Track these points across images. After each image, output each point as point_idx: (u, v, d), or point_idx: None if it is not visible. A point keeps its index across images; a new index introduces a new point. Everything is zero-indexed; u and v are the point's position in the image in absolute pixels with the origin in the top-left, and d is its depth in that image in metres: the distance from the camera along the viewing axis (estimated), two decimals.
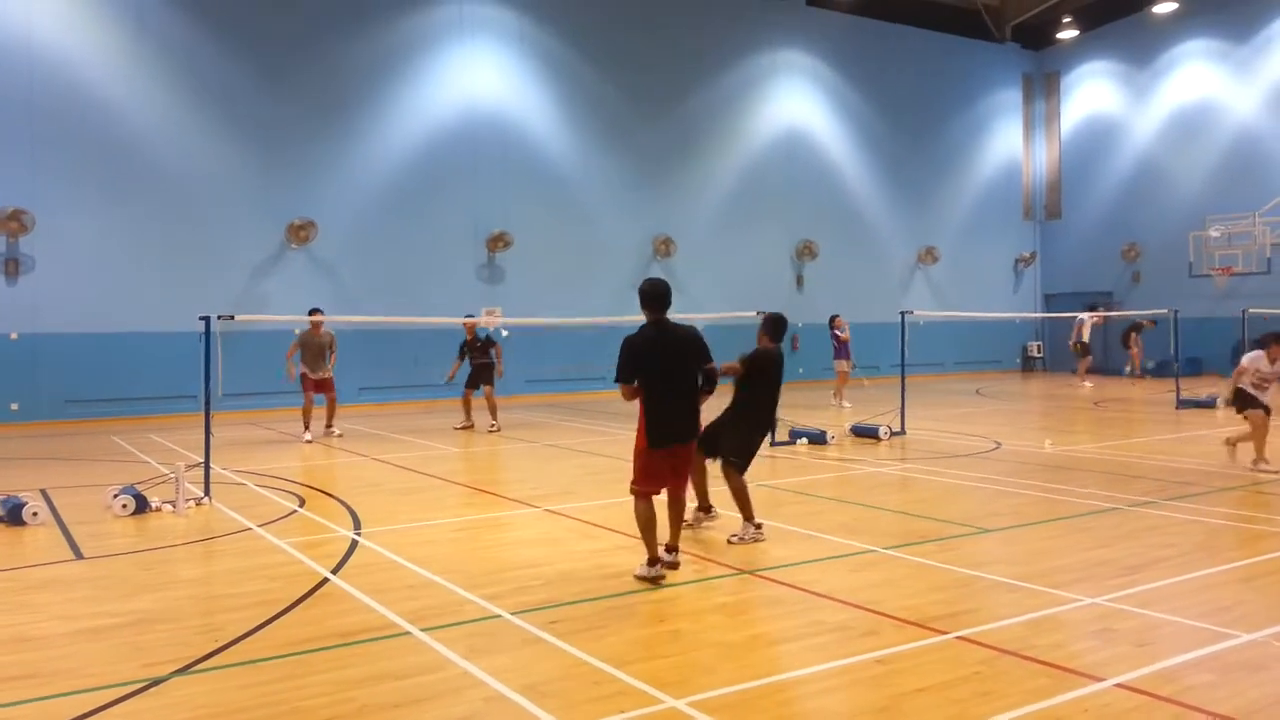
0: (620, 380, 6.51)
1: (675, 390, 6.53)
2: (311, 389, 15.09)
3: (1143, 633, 5.28)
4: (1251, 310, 20.51)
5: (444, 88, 21.89)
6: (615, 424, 16.67)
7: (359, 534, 8.03)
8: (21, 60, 17.75)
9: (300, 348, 15.03)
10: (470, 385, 15.98)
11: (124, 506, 8.87)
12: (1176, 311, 19.18)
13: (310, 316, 14.75)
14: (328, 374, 15.14)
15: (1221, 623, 5.36)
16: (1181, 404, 18.00)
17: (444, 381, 16.21)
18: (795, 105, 26.91)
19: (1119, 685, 4.49)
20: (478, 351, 15.85)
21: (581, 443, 14.23)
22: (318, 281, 19.95)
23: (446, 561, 7.08)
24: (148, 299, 18.58)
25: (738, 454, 7.57)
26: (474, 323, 16.16)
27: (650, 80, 24.45)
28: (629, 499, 9.18)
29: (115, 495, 9.00)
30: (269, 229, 19.88)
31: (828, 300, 24.88)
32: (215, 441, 10.19)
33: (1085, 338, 23.63)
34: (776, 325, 7.96)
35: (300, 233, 19.96)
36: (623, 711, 4.29)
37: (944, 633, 5.26)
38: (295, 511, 9.12)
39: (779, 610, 5.77)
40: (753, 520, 7.57)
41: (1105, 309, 27.53)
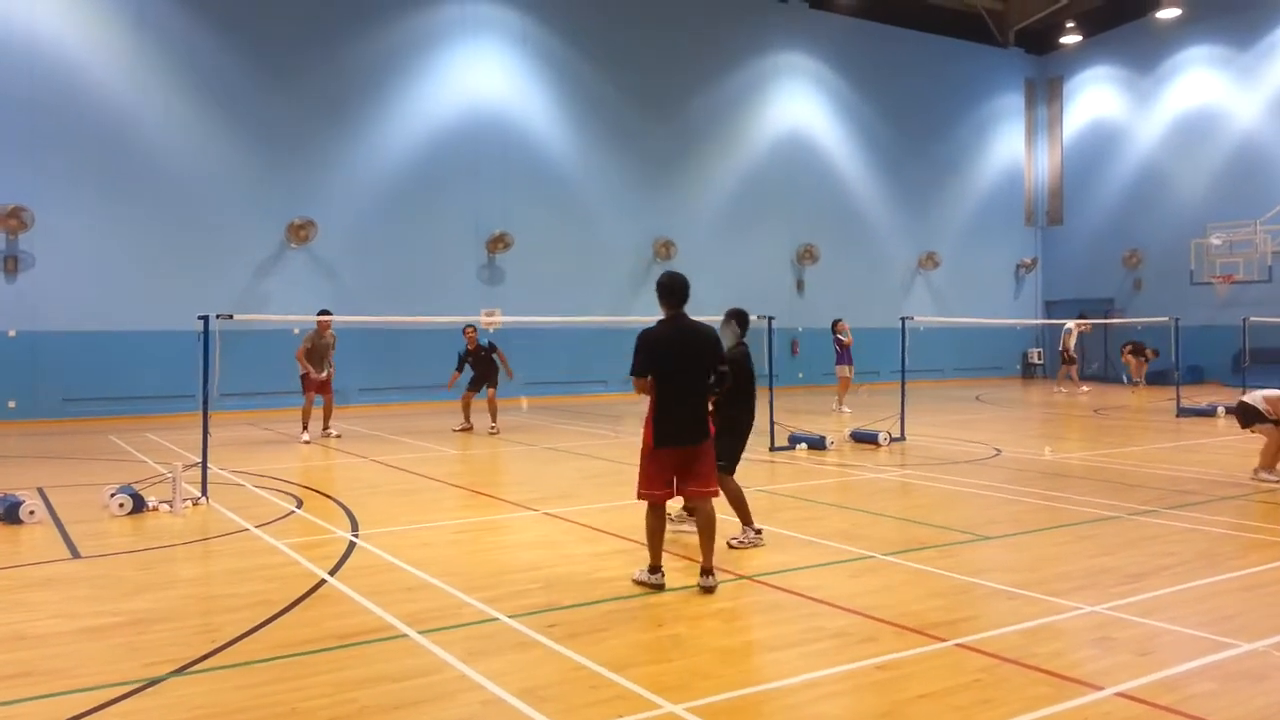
0: (635, 374, 6.30)
1: (687, 389, 6.31)
2: (314, 390, 15.02)
3: (1143, 641, 5.25)
4: (1253, 319, 20.51)
5: (446, 88, 21.89)
6: (615, 427, 16.65)
7: (357, 535, 8.01)
8: (22, 57, 17.75)
9: (309, 348, 14.93)
10: (473, 388, 15.86)
11: (121, 506, 8.85)
12: (1177, 319, 19.17)
13: (319, 317, 14.71)
14: (327, 374, 15.10)
15: (1222, 632, 5.34)
16: (1182, 412, 17.98)
17: (445, 388, 16.11)
18: (797, 108, 26.91)
19: (1119, 694, 4.47)
20: (480, 360, 15.76)
21: (580, 446, 14.21)
22: (317, 281, 19.94)
23: (445, 564, 7.06)
24: (147, 297, 18.57)
25: (726, 458, 7.40)
26: (475, 333, 16.04)
27: (652, 82, 24.45)
28: (628, 503, 9.18)
29: (112, 494, 8.97)
30: (269, 228, 19.87)
31: (828, 304, 24.85)
32: (213, 441, 10.17)
33: (1072, 346, 23.72)
34: (742, 322, 7.79)
35: (300, 232, 19.94)
36: (621, 716, 4.27)
37: (944, 640, 5.23)
38: (293, 512, 9.10)
39: (778, 616, 5.75)
40: (752, 524, 7.54)
41: (1107, 316, 27.54)
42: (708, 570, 6.26)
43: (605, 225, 23.67)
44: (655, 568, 6.32)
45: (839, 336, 19.47)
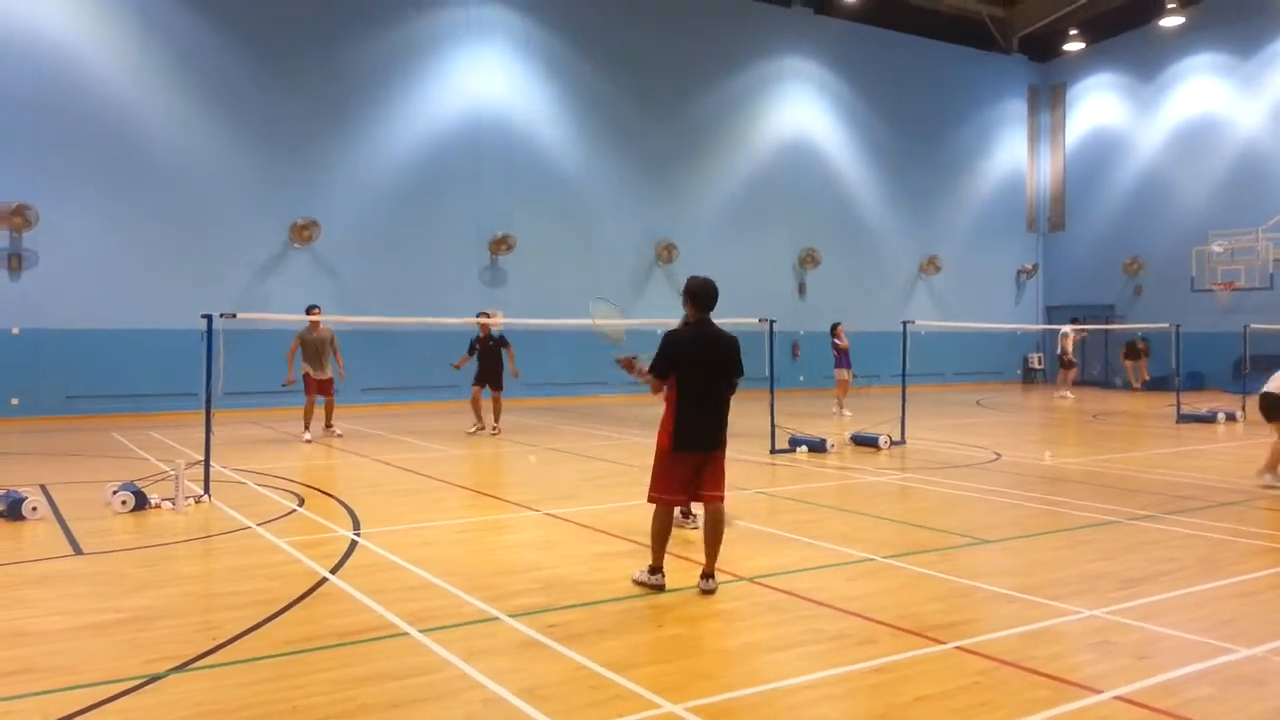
0: (655, 372, 6.28)
1: (708, 394, 6.27)
2: (314, 389, 14.93)
3: (1142, 646, 5.26)
4: (1254, 326, 20.50)
5: (449, 89, 21.93)
6: (617, 428, 16.68)
7: (358, 534, 8.03)
8: (26, 56, 17.80)
9: (300, 346, 14.85)
10: (478, 384, 15.67)
11: (123, 503, 8.87)
12: (1178, 326, 19.17)
13: (308, 314, 14.54)
14: (330, 374, 14.98)
15: (1221, 637, 5.34)
16: (1182, 418, 17.99)
17: (452, 368, 15.95)
18: (800, 112, 26.94)
19: (1118, 698, 4.48)
20: (489, 350, 15.55)
21: (583, 447, 14.22)
22: (320, 281, 19.97)
23: (446, 563, 7.07)
24: (150, 296, 18.60)
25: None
26: (488, 322, 15.70)
27: (655, 85, 24.49)
28: (629, 504, 9.21)
29: (115, 492, 8.99)
30: (272, 228, 19.91)
31: (830, 308, 24.84)
32: (215, 440, 10.18)
33: (1070, 351, 23.73)
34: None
35: (303, 232, 19.98)
36: (620, 716, 4.28)
37: (943, 642, 5.24)
38: (295, 511, 9.11)
39: (777, 617, 5.76)
40: (688, 510, 8.03)
41: (1107, 322, 27.56)
42: (709, 574, 6.26)
43: (607, 227, 23.70)
44: (656, 569, 6.30)
45: (835, 340, 19.53)
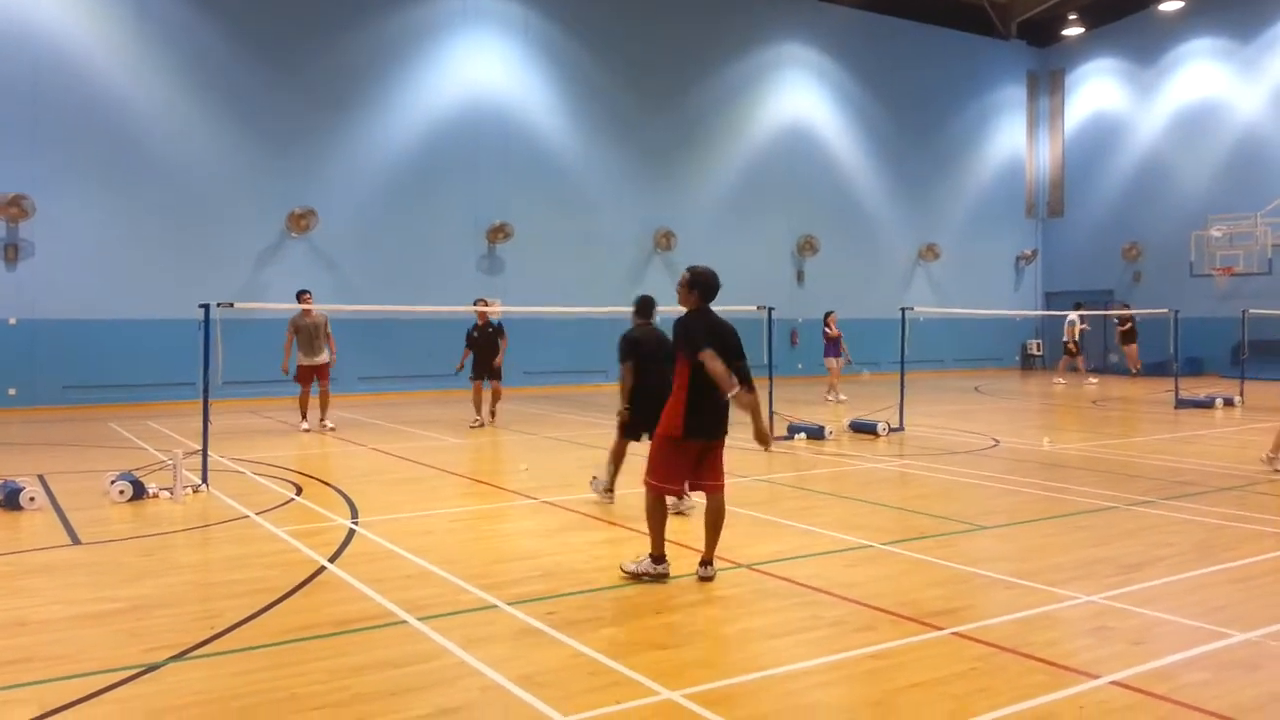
0: (699, 349, 5.94)
1: (712, 382, 6.07)
2: (309, 377, 14.69)
3: (1139, 631, 5.28)
4: (1252, 311, 20.50)
5: (446, 78, 21.85)
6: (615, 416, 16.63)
7: (356, 523, 8.04)
8: (24, 46, 17.72)
9: (294, 334, 14.58)
10: (477, 376, 15.32)
11: (121, 493, 8.87)
12: (1177, 311, 19.16)
13: (299, 300, 14.31)
14: (324, 358, 14.70)
15: (1217, 622, 5.36)
16: (1180, 404, 18.00)
17: (454, 372, 15.75)
18: (798, 99, 26.86)
19: (1114, 683, 4.49)
20: (488, 339, 15.18)
21: (580, 435, 14.23)
22: (317, 271, 19.92)
23: (444, 551, 7.08)
24: (147, 286, 18.57)
25: (631, 432, 8.57)
26: (485, 310, 15.26)
27: (653, 73, 24.41)
28: (627, 491, 9.21)
29: (113, 481, 9.00)
30: (269, 217, 19.87)
31: (828, 296, 24.83)
32: (213, 429, 10.19)
33: (1077, 337, 23.75)
34: (642, 307, 8.72)
35: (301, 221, 19.94)
36: (619, 702, 4.29)
37: (940, 628, 5.26)
38: (292, 500, 9.12)
39: (775, 604, 5.77)
40: (612, 489, 8.71)
41: (1106, 308, 27.52)
42: (708, 561, 6.25)
43: (605, 216, 23.65)
44: (660, 557, 6.21)
45: (824, 329, 19.63)
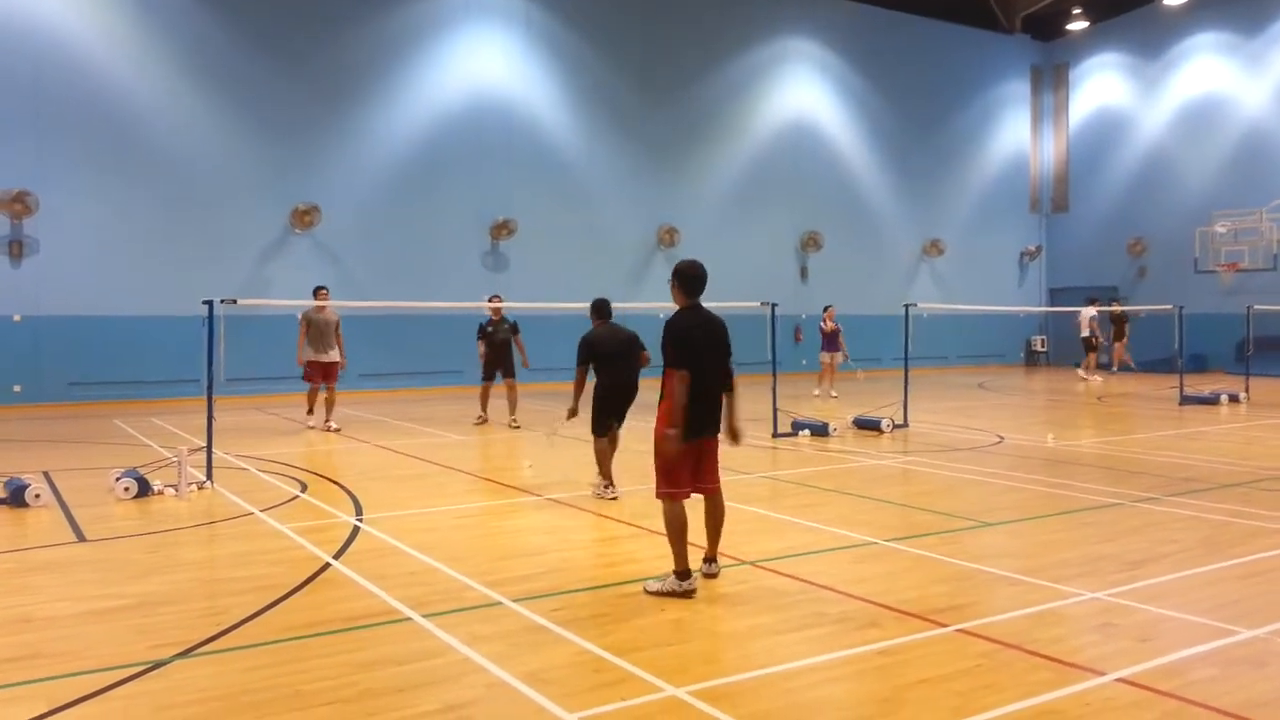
0: (677, 367, 5.81)
1: (707, 380, 5.99)
2: (319, 375, 14.38)
3: (1145, 628, 5.27)
4: (1257, 307, 20.46)
5: (450, 73, 21.84)
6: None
7: (361, 520, 8.04)
8: (27, 42, 17.72)
9: (306, 327, 14.24)
10: (488, 376, 14.96)
11: (126, 490, 8.89)
12: (1181, 307, 19.12)
13: (315, 295, 14.13)
14: (334, 358, 14.39)
15: (1224, 618, 5.35)
16: (1185, 400, 17.96)
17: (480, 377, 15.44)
18: (802, 94, 26.82)
19: (1120, 680, 4.49)
20: (502, 336, 14.80)
21: (586, 432, 14.17)
22: (321, 266, 19.94)
23: (449, 548, 7.08)
24: (151, 282, 18.59)
25: (594, 424, 9.23)
26: (500, 306, 14.91)
27: (656, 68, 24.39)
28: (633, 488, 9.22)
29: (118, 478, 9.01)
30: (273, 213, 19.88)
31: (832, 291, 24.83)
32: (218, 426, 10.19)
33: (1096, 332, 23.66)
34: (600, 311, 9.51)
35: (304, 217, 19.94)
36: (623, 699, 4.29)
37: (945, 625, 5.25)
38: (297, 497, 9.13)
39: (780, 601, 5.76)
40: (610, 480, 8.94)
41: (1110, 304, 27.47)
42: (711, 558, 6.22)
43: (609, 211, 23.64)
44: (685, 573, 5.82)
45: (820, 324, 19.83)
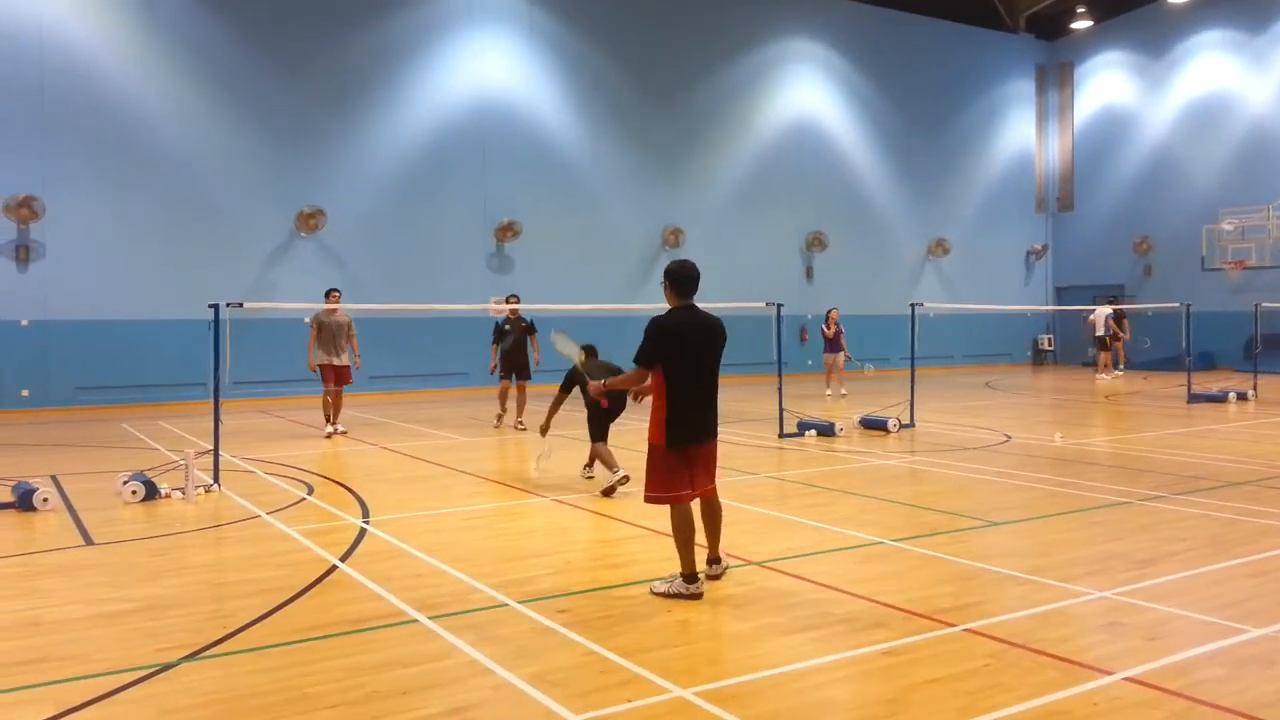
0: (643, 363, 5.88)
1: (700, 382, 5.93)
2: (332, 378, 14.05)
3: (1152, 627, 5.25)
4: (1264, 305, 20.41)
5: (454, 76, 21.87)
6: (625, 415, 16.62)
7: (367, 522, 8.05)
8: (33, 47, 17.79)
9: (318, 330, 13.96)
10: (506, 375, 14.80)
11: (134, 493, 8.90)
12: (1188, 305, 19.08)
13: (327, 298, 13.89)
14: (347, 361, 14.11)
15: (1232, 617, 5.33)
16: (1193, 399, 17.92)
17: (489, 373, 15.43)
18: (805, 94, 26.81)
19: (1128, 679, 4.47)
20: (520, 336, 14.63)
21: (581, 433, 14.18)
22: (327, 270, 19.97)
23: (455, 550, 7.08)
24: (157, 286, 18.65)
25: (595, 433, 9.90)
26: (517, 307, 14.75)
27: (660, 69, 24.40)
28: (638, 489, 9.20)
29: (125, 482, 9.03)
30: (278, 217, 19.93)
31: (838, 292, 24.84)
32: (224, 429, 10.21)
33: (1114, 330, 23.62)
34: (589, 349, 9.79)
35: (310, 221, 19.99)
36: (630, 701, 4.28)
37: (953, 625, 5.24)
38: (304, 499, 9.14)
39: (786, 602, 5.75)
40: (619, 469, 9.29)
41: (1117, 302, 27.41)
42: (715, 559, 6.17)
43: (613, 213, 23.65)
44: (692, 576, 5.79)
45: (822, 327, 20.00)
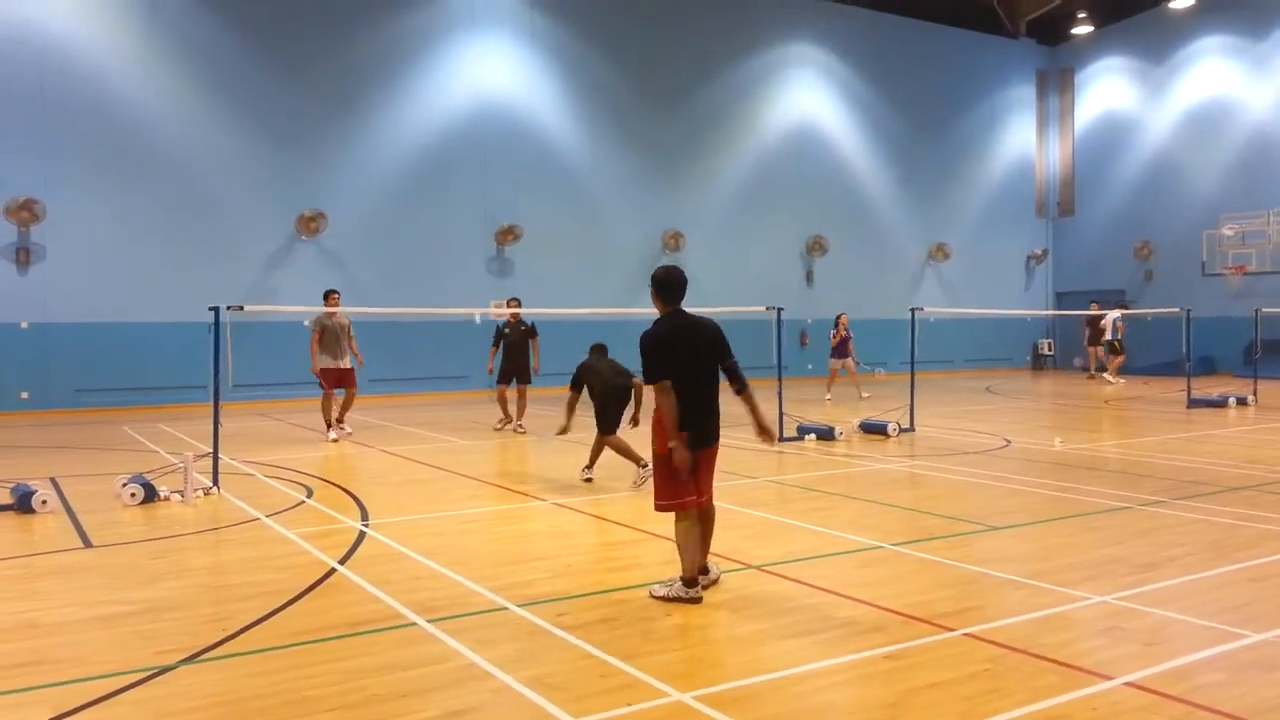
0: (653, 380, 5.76)
1: (698, 388, 5.87)
2: (333, 381, 13.89)
3: (1152, 631, 5.25)
4: (1265, 310, 20.41)
5: (455, 80, 21.90)
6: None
7: (367, 525, 8.05)
8: (34, 49, 17.81)
9: (320, 333, 13.77)
10: (504, 380, 14.83)
11: (133, 496, 8.90)
12: (1189, 311, 19.08)
13: (326, 300, 13.73)
14: (349, 363, 13.99)
15: (1232, 622, 5.32)
16: (1193, 404, 17.91)
17: (486, 373, 15.48)
18: (806, 99, 26.83)
19: (1128, 684, 4.47)
20: (520, 340, 14.68)
21: (591, 437, 14.18)
22: (327, 273, 19.96)
23: (454, 553, 7.08)
24: (158, 289, 18.66)
25: (605, 426, 10.09)
26: (518, 310, 14.81)
27: (661, 74, 24.42)
28: (639, 493, 9.21)
29: (124, 484, 9.04)
30: (279, 220, 19.94)
31: (838, 296, 24.85)
32: (223, 432, 10.20)
33: (1120, 334, 23.60)
34: (598, 348, 10.57)
35: (310, 224, 20.00)
36: (629, 704, 4.28)
37: (952, 629, 5.23)
38: (303, 502, 9.14)
39: (786, 605, 5.75)
40: (642, 461, 9.52)
41: (1116, 307, 27.39)
42: (704, 569, 6.01)
43: (614, 217, 23.67)
44: (692, 580, 5.82)
45: (833, 332, 20.05)
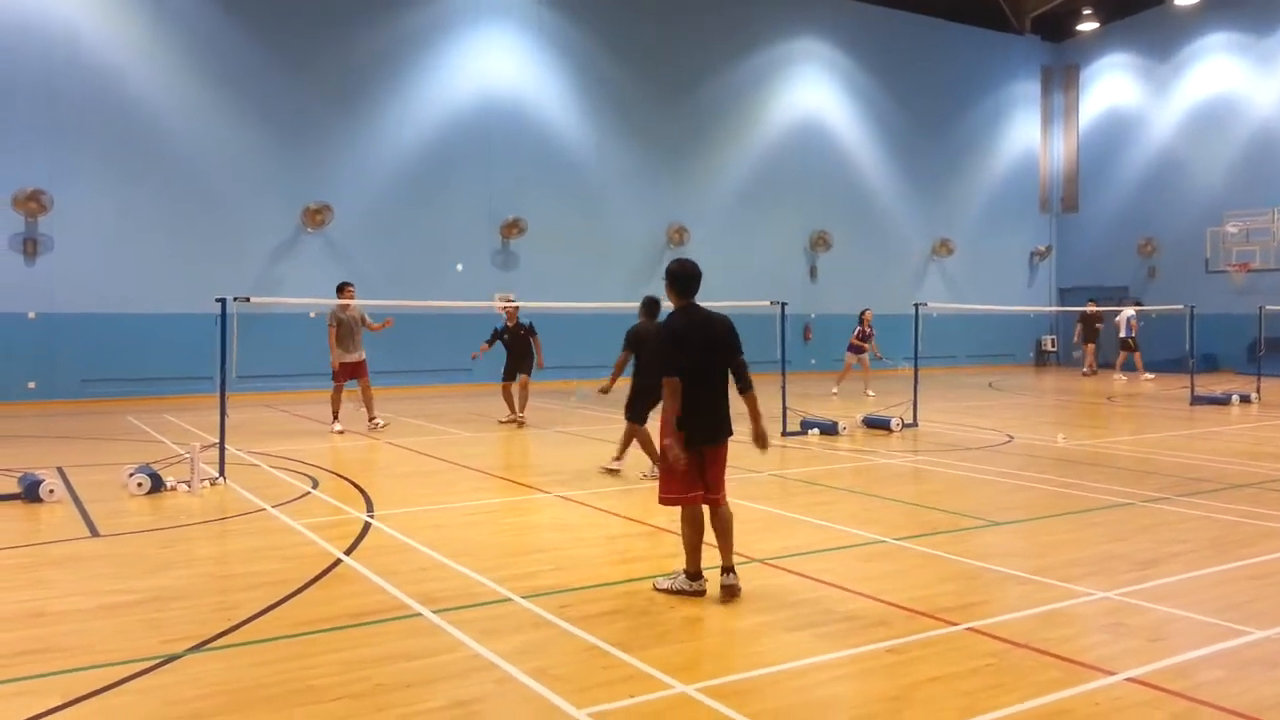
0: (670, 374, 5.71)
1: (708, 382, 5.81)
2: (346, 374, 13.83)
3: (1155, 627, 5.26)
4: (1269, 307, 20.38)
5: (460, 73, 21.89)
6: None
7: (372, 516, 8.08)
8: (41, 42, 17.82)
9: (337, 327, 13.70)
10: (508, 378, 14.96)
11: (139, 485, 8.94)
12: (1192, 307, 19.06)
13: (341, 292, 13.69)
14: (362, 355, 14.02)
15: (1234, 619, 5.34)
16: (1196, 400, 17.91)
17: (470, 360, 15.67)
18: (811, 94, 26.80)
19: (1130, 679, 4.48)
20: (517, 340, 14.83)
21: (595, 430, 14.25)
22: (332, 265, 20.00)
23: (459, 545, 7.11)
24: (164, 280, 18.69)
25: (637, 414, 9.84)
26: (515, 308, 14.98)
27: (665, 68, 24.40)
28: (643, 486, 9.24)
29: (131, 474, 9.07)
30: (285, 212, 19.96)
31: (842, 291, 24.85)
32: (230, 423, 10.24)
33: (1135, 332, 23.56)
34: (649, 305, 9.99)
35: (316, 216, 20.01)
36: (632, 696, 4.31)
37: (955, 624, 5.25)
38: (309, 493, 9.17)
39: (789, 599, 5.77)
40: (656, 459, 9.29)
41: (1118, 304, 27.37)
42: (729, 568, 5.89)
43: (618, 211, 23.67)
44: (696, 574, 5.83)
45: (859, 330, 20.02)
